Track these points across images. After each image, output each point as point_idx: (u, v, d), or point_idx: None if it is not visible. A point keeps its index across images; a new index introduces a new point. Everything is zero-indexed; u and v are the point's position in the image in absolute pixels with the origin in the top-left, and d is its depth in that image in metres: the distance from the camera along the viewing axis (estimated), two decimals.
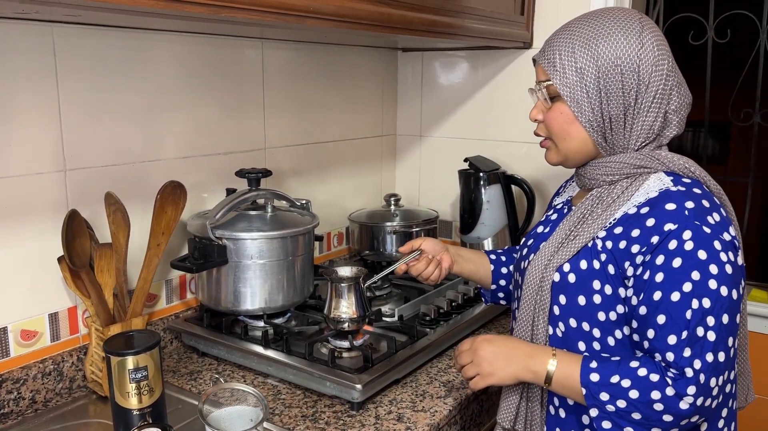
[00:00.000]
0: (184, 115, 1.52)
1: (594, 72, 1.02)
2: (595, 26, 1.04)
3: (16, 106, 1.21)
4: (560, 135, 1.08)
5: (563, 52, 1.04)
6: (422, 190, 2.21)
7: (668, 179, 1.03)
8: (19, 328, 1.26)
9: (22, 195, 1.23)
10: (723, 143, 3.48)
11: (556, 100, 1.07)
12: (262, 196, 1.51)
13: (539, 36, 1.88)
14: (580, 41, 1.04)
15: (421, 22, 1.43)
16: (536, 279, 1.09)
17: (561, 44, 1.06)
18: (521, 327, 1.12)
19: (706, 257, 0.94)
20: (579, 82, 1.03)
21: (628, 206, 1.03)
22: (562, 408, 1.08)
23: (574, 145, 1.07)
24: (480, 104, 2.03)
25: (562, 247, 1.07)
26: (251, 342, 1.40)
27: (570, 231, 1.08)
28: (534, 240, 1.19)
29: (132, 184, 1.41)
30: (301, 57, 1.81)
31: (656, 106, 1.03)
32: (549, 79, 1.06)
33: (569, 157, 1.10)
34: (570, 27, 1.07)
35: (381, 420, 1.20)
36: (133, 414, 1.09)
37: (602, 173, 1.07)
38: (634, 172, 1.05)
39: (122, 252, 1.27)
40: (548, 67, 1.06)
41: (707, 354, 0.93)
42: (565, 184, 1.30)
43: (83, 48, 1.29)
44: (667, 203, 0.99)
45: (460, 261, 1.34)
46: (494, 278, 1.35)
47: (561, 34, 1.07)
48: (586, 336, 1.05)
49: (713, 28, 1.99)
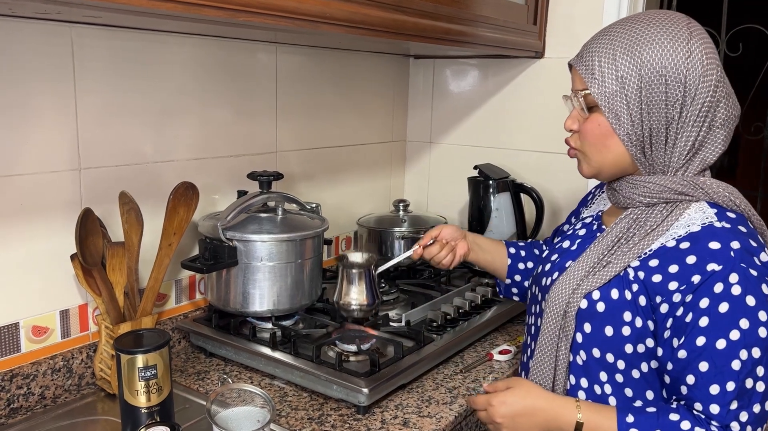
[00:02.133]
0: (197, 116, 1.53)
1: (636, 81, 0.94)
2: (639, 31, 0.96)
3: (34, 104, 1.22)
4: (596, 148, 1.01)
5: (603, 59, 0.97)
6: (431, 196, 2.21)
7: (712, 212, 0.97)
8: (31, 324, 1.27)
9: (37, 192, 1.25)
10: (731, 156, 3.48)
11: (593, 110, 1.00)
12: (273, 198, 1.52)
13: (551, 45, 1.89)
14: (623, 47, 0.96)
15: (435, 30, 1.44)
16: (561, 304, 1.03)
17: (601, 50, 0.98)
18: (544, 354, 1.06)
19: (755, 303, 0.88)
20: (619, 92, 0.95)
21: (666, 237, 0.97)
22: None
23: (610, 158, 1.01)
24: (490, 112, 2.04)
25: (593, 273, 1.01)
26: (259, 343, 1.40)
27: (602, 255, 1.02)
28: (559, 256, 1.13)
29: (145, 184, 1.43)
30: (314, 62, 1.82)
31: (701, 119, 0.95)
32: (586, 87, 0.98)
33: (603, 171, 1.03)
34: (611, 31, 0.99)
35: (387, 425, 1.21)
36: (142, 412, 1.10)
37: (640, 193, 1.00)
38: (674, 197, 0.98)
39: (134, 252, 1.28)
40: (586, 74, 0.98)
41: (755, 406, 0.88)
42: (593, 195, 1.25)
43: (100, 49, 1.31)
44: (710, 241, 0.92)
45: (477, 250, 1.33)
46: (509, 272, 1.33)
47: (601, 39, 0.99)
48: (610, 368, 1.00)
49: (725, 42, 2.00)
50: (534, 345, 1.13)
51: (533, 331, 1.15)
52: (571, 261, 1.08)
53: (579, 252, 1.09)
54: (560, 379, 1.05)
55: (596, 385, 1.03)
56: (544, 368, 1.07)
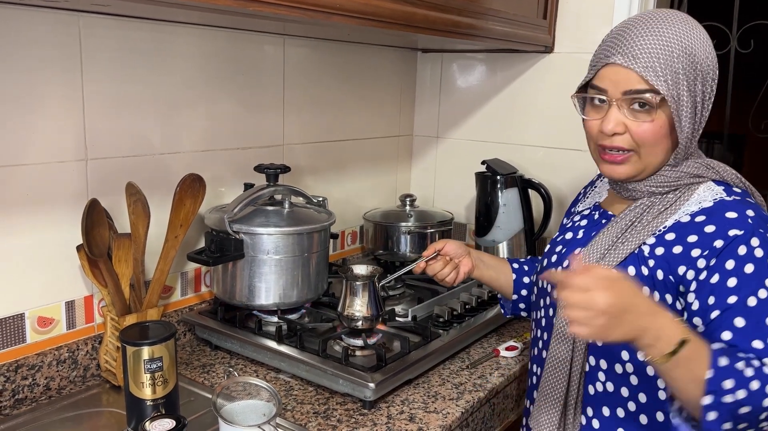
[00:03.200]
0: (205, 108, 1.52)
1: (693, 81, 0.98)
2: (682, 30, 0.98)
3: (41, 94, 1.21)
4: (653, 149, 1.01)
5: (662, 58, 0.96)
6: (437, 191, 2.20)
7: (719, 189, 1.02)
8: (36, 315, 1.26)
9: (43, 182, 1.24)
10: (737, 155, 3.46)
11: (655, 111, 0.98)
12: (280, 191, 1.51)
13: (561, 40, 1.87)
14: (678, 45, 0.97)
15: (444, 23, 1.43)
16: None
17: (659, 47, 0.97)
18: (560, 338, 1.06)
19: None
20: (686, 93, 0.97)
21: (679, 215, 1.01)
22: (596, 418, 1.05)
23: (661, 157, 1.02)
24: (498, 107, 2.03)
25: (608, 253, 1.03)
26: (265, 337, 1.40)
27: (616, 239, 1.04)
28: (564, 247, 1.15)
29: (151, 175, 1.42)
30: (322, 55, 1.81)
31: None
32: (652, 88, 0.96)
33: (647, 171, 1.04)
34: (655, 27, 0.98)
35: (393, 420, 1.20)
36: (147, 405, 1.09)
37: (657, 184, 1.04)
38: (690, 181, 1.03)
39: (141, 243, 1.28)
40: (650, 74, 0.96)
41: None
42: (585, 191, 1.28)
43: (108, 38, 1.30)
44: (726, 212, 0.97)
45: (481, 267, 1.33)
46: (516, 288, 1.33)
47: (651, 34, 0.97)
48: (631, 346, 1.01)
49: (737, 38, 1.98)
50: (546, 335, 1.13)
51: (544, 323, 1.15)
52: (580, 248, 1.10)
53: (587, 240, 1.11)
54: (578, 362, 1.06)
55: (617, 364, 1.03)
56: (561, 351, 1.06)
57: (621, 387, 1.04)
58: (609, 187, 1.16)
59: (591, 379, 1.06)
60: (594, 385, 1.06)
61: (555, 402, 1.08)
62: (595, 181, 1.27)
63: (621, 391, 1.04)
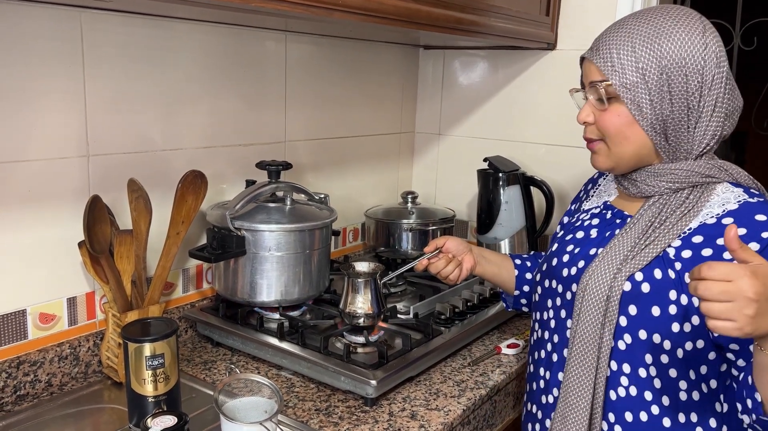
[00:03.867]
0: (206, 105, 1.52)
1: (656, 72, 0.98)
2: (656, 24, 0.99)
3: (43, 90, 1.21)
4: (617, 138, 1.03)
5: (622, 51, 0.99)
6: (439, 188, 2.20)
7: (740, 190, 1.01)
8: (38, 311, 1.26)
9: (45, 178, 1.24)
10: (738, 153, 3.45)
11: (612, 101, 1.01)
12: (282, 188, 1.51)
13: (563, 37, 1.87)
14: (641, 39, 0.98)
15: (447, 19, 1.42)
16: (603, 289, 1.01)
17: (619, 42, 1.00)
18: (585, 343, 1.04)
19: None
20: (641, 83, 0.98)
21: (703, 216, 1.00)
22: (618, 424, 1.04)
23: (631, 149, 1.03)
24: (500, 104, 2.02)
25: (631, 256, 1.01)
26: (266, 334, 1.40)
27: (638, 239, 1.03)
28: (576, 246, 1.12)
29: (153, 172, 1.42)
30: (324, 51, 1.81)
31: (720, 109, 1.00)
32: (606, 78, 1.00)
33: (621, 162, 1.05)
34: (627, 24, 1.02)
35: (395, 417, 1.20)
36: (148, 401, 1.09)
37: (666, 180, 1.03)
38: (701, 181, 1.02)
39: (143, 239, 1.27)
40: (604, 66, 1.00)
41: None
42: (588, 188, 1.26)
43: (109, 34, 1.30)
44: (755, 214, 0.96)
45: (483, 263, 1.32)
46: (518, 284, 1.32)
47: (618, 32, 1.01)
48: (656, 348, 1.00)
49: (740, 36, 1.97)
50: (557, 338, 1.11)
51: (553, 325, 1.12)
52: (596, 248, 1.08)
53: (602, 240, 1.09)
54: (602, 367, 1.03)
55: (641, 368, 1.02)
56: (587, 357, 1.03)
57: (644, 392, 1.02)
58: (617, 185, 1.15)
59: (613, 384, 1.04)
60: (616, 390, 1.04)
61: (582, 411, 1.04)
62: (598, 179, 1.25)
63: (644, 395, 1.02)
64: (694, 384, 1.00)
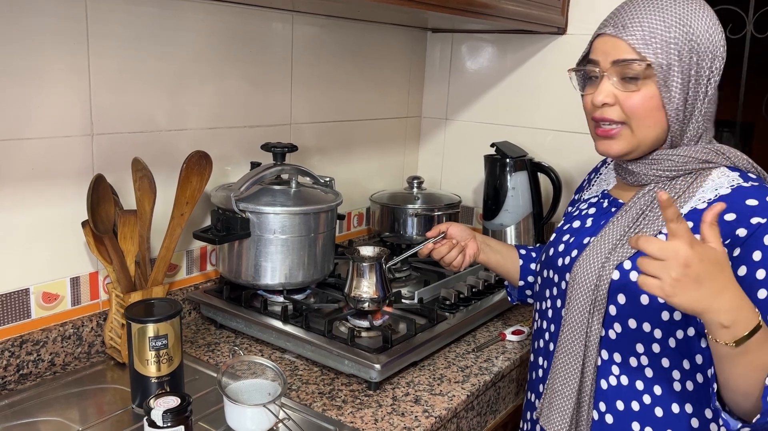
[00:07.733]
0: (212, 85, 1.50)
1: (688, 54, 0.94)
2: (683, 5, 0.96)
3: (47, 68, 1.20)
4: (646, 121, 0.98)
5: (657, 29, 0.94)
6: (445, 173, 2.18)
7: (735, 175, 0.98)
8: (41, 290, 1.26)
9: (49, 157, 1.23)
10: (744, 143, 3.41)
11: (642, 82, 0.96)
12: (287, 171, 1.49)
13: (574, 22, 1.84)
14: (675, 18, 0.94)
15: (457, 0, 1.40)
16: (591, 277, 1.00)
17: (652, 19, 0.95)
18: (573, 332, 1.03)
19: None
20: (677, 64, 0.94)
21: (694, 202, 0.98)
22: (609, 413, 1.03)
23: (654, 133, 0.99)
24: (508, 89, 2.00)
25: (620, 245, 1.00)
26: (270, 316, 1.39)
27: (628, 228, 1.01)
28: (571, 236, 1.11)
29: (157, 152, 1.40)
30: (330, 33, 1.79)
31: (714, 92, 0.99)
32: (642, 57, 0.94)
33: (640, 147, 1.00)
34: (652, 3, 0.97)
35: (398, 401, 1.19)
36: (151, 382, 1.09)
37: (663, 168, 1.01)
38: (698, 166, 0.99)
39: (146, 220, 1.27)
40: (639, 44, 0.94)
41: None
42: (590, 177, 1.24)
43: (114, 13, 1.28)
44: (746, 199, 0.93)
45: (487, 251, 1.31)
46: (522, 274, 1.31)
47: (646, 8, 0.96)
48: (646, 338, 0.98)
49: (753, 23, 1.94)
50: (553, 327, 1.10)
51: (551, 314, 1.12)
52: (589, 237, 1.06)
53: (596, 228, 1.07)
54: (591, 356, 1.02)
55: (632, 357, 1.01)
56: (574, 345, 1.03)
57: (636, 381, 1.01)
58: (616, 174, 1.14)
59: (604, 373, 1.03)
60: (607, 379, 1.03)
61: (567, 398, 1.04)
62: (600, 167, 1.23)
63: (636, 385, 1.01)
64: (689, 374, 0.98)
